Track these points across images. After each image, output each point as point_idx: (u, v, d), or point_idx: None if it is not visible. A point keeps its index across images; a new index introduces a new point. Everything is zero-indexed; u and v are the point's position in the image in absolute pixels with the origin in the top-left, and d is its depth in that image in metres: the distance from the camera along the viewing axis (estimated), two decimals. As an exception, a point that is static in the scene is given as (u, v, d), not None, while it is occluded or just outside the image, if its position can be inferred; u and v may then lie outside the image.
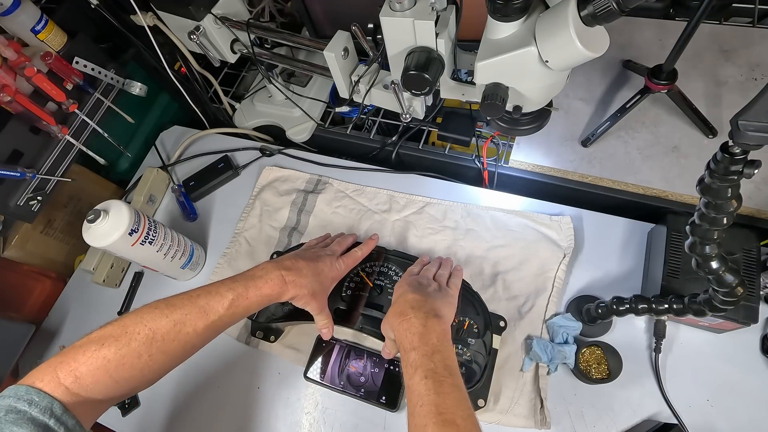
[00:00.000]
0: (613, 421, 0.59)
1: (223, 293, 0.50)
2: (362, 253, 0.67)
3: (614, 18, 0.37)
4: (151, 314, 0.47)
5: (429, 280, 0.59)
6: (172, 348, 0.47)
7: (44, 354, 0.78)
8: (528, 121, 0.53)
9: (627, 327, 0.64)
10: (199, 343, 0.49)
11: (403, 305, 0.54)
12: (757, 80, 0.79)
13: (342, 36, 0.62)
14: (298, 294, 0.56)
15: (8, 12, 0.67)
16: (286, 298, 0.56)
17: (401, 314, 0.53)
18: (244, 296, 0.51)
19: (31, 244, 0.80)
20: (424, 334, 0.49)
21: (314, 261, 0.60)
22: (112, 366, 0.43)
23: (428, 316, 0.51)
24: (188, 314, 0.48)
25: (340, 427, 0.64)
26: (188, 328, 0.47)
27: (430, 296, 0.55)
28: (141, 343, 0.45)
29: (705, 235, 0.43)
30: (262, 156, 0.91)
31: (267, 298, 0.54)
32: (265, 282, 0.54)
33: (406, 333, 0.50)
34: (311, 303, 0.58)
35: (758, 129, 0.33)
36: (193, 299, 0.49)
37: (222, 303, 0.50)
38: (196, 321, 0.48)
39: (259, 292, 0.53)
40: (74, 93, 0.75)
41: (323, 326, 0.62)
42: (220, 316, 0.49)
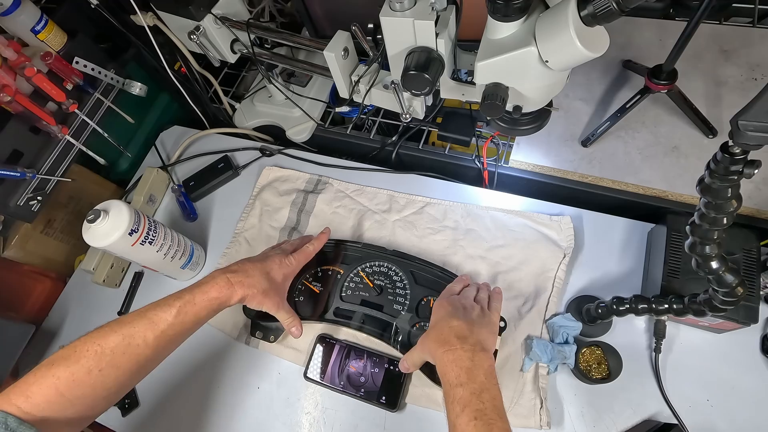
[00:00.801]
0: (613, 421, 0.59)
1: (170, 302, 0.52)
2: (314, 248, 0.67)
3: (614, 18, 0.37)
4: (100, 332, 0.48)
5: (472, 304, 0.57)
6: (123, 361, 0.47)
7: (44, 354, 0.78)
8: (528, 121, 0.53)
9: (627, 327, 0.64)
10: (152, 354, 0.50)
11: (448, 333, 0.52)
12: (757, 80, 0.79)
13: (342, 36, 0.62)
14: (248, 293, 0.56)
15: (8, 12, 0.67)
16: (237, 299, 0.56)
17: (446, 343, 0.51)
18: (191, 302, 0.52)
19: (31, 244, 0.80)
20: (472, 369, 0.47)
21: (262, 261, 0.61)
22: (62, 384, 0.44)
23: (475, 350, 0.49)
24: (136, 327, 0.49)
25: (340, 427, 0.64)
26: (138, 341, 0.48)
27: (475, 324, 0.53)
28: (89, 359, 0.46)
29: (705, 235, 0.43)
30: (262, 156, 0.91)
31: (216, 302, 0.54)
32: (211, 286, 0.54)
33: (452, 365, 0.48)
34: (265, 302, 0.58)
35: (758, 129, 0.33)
36: (142, 312, 0.50)
37: (169, 312, 0.51)
38: (145, 332, 0.49)
39: (205, 296, 0.53)
40: (74, 93, 0.75)
41: (288, 324, 0.62)
42: (169, 325, 0.50)
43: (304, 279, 0.70)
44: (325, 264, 0.71)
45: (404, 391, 0.64)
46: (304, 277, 0.70)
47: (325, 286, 0.69)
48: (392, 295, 0.67)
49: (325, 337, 0.69)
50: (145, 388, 0.71)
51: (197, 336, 0.73)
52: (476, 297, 0.60)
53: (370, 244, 0.72)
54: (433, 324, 0.56)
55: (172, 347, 0.53)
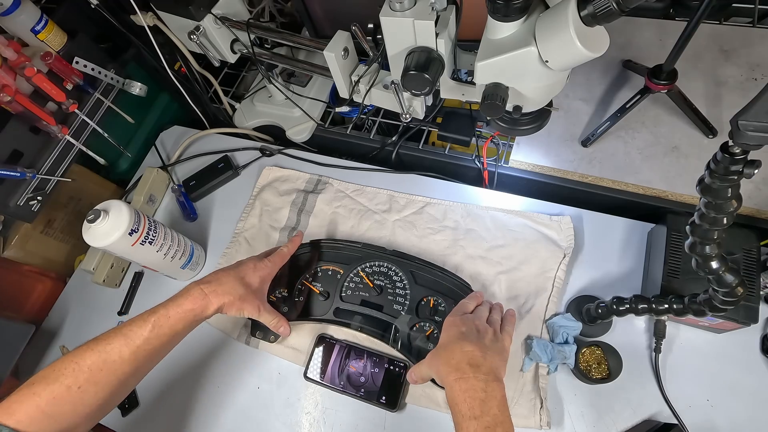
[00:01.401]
0: (613, 421, 0.59)
1: (145, 318, 0.52)
2: (288, 250, 0.67)
3: (614, 18, 0.37)
4: (79, 351, 0.49)
5: (485, 327, 0.55)
6: (101, 378, 0.48)
7: (44, 354, 0.78)
8: (528, 121, 0.53)
9: (627, 327, 0.64)
10: (131, 370, 0.50)
11: (460, 358, 0.50)
12: (757, 80, 0.79)
13: (342, 36, 0.62)
14: (225, 302, 0.57)
15: (8, 12, 0.67)
16: (213, 309, 0.56)
17: (458, 369, 0.49)
18: (165, 316, 0.53)
19: (31, 244, 0.80)
20: (486, 401, 0.46)
21: (235, 268, 0.61)
22: (42, 401, 0.45)
23: (489, 379, 0.48)
24: (112, 343, 0.50)
25: (340, 427, 0.64)
26: (114, 357, 0.49)
27: (488, 351, 0.51)
28: (68, 377, 0.47)
29: (705, 235, 0.43)
30: (262, 156, 0.91)
31: (191, 314, 0.54)
32: (185, 299, 0.55)
33: (464, 396, 0.47)
34: (244, 307, 0.59)
35: (758, 129, 0.33)
36: (119, 330, 0.51)
37: (144, 327, 0.52)
38: (120, 348, 0.50)
39: (180, 309, 0.54)
40: (74, 93, 0.75)
41: (275, 326, 0.62)
42: (144, 340, 0.51)
43: (304, 279, 0.70)
44: (325, 264, 0.71)
45: (404, 391, 0.64)
46: (304, 277, 0.70)
47: (325, 286, 0.69)
48: (392, 296, 0.67)
49: (325, 337, 0.69)
50: (145, 388, 0.71)
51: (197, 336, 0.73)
52: (489, 318, 0.58)
53: (370, 244, 0.72)
54: (445, 343, 0.54)
55: (152, 362, 0.53)
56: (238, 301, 0.58)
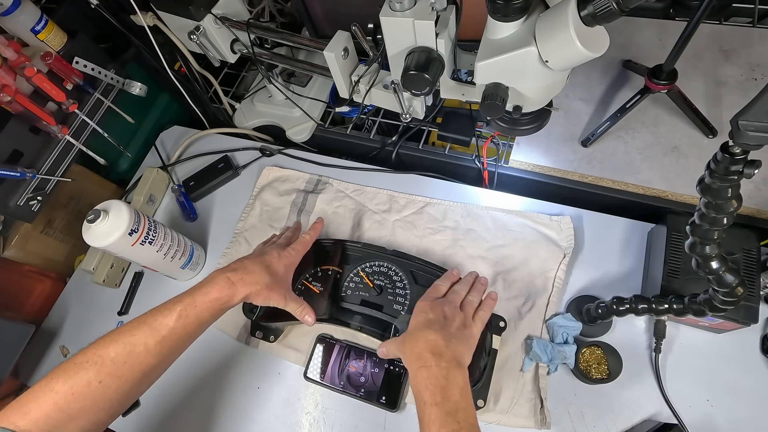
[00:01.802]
0: (613, 421, 0.59)
1: (170, 307, 0.51)
2: (310, 237, 0.67)
3: (614, 18, 0.37)
4: (101, 342, 0.47)
5: (454, 312, 0.54)
6: (124, 370, 0.46)
7: (44, 354, 0.78)
8: (528, 121, 0.53)
9: (627, 327, 0.64)
10: (155, 361, 0.49)
11: (423, 347, 0.50)
12: (757, 80, 0.79)
13: (342, 36, 0.62)
14: (252, 291, 0.56)
15: (8, 12, 0.67)
16: (240, 298, 0.55)
17: (420, 358, 0.49)
18: (192, 305, 0.51)
19: (31, 244, 0.80)
20: (446, 387, 0.47)
21: (260, 256, 0.60)
22: (60, 398, 0.43)
23: (450, 367, 0.48)
24: (137, 334, 0.48)
25: (340, 427, 0.64)
26: (139, 348, 0.47)
27: (453, 339, 0.51)
28: (88, 371, 0.44)
29: (705, 235, 0.43)
30: (262, 156, 0.91)
31: (217, 303, 0.53)
32: (211, 287, 0.53)
33: (426, 383, 0.47)
34: (271, 296, 0.58)
35: (758, 129, 0.33)
36: (142, 319, 0.49)
37: (170, 316, 0.50)
38: (146, 339, 0.48)
39: (206, 298, 0.52)
40: (74, 93, 0.75)
41: (300, 314, 0.60)
42: (170, 330, 0.49)
43: (304, 279, 0.70)
44: (325, 264, 0.71)
45: (404, 391, 0.64)
46: (303, 277, 0.70)
47: (325, 286, 0.69)
48: (392, 295, 0.67)
49: (325, 337, 0.69)
50: (145, 388, 0.71)
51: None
52: (465, 299, 0.58)
53: (370, 244, 0.72)
54: (411, 330, 0.54)
55: (176, 353, 0.52)
56: (265, 290, 0.57)
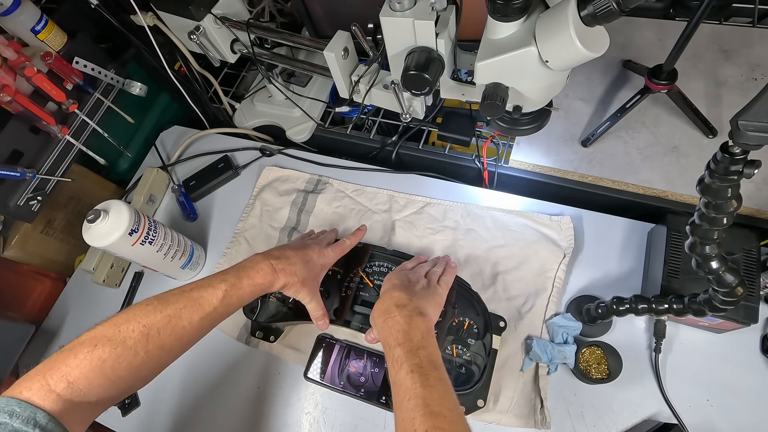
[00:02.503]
0: (613, 421, 0.59)
1: (216, 285, 0.51)
2: (350, 243, 0.67)
3: (614, 18, 0.37)
4: (143, 311, 0.46)
5: (418, 277, 0.59)
6: (168, 342, 0.46)
7: (44, 354, 0.78)
8: (528, 121, 0.53)
9: (627, 327, 0.64)
10: (196, 335, 0.49)
11: (389, 302, 0.54)
12: (757, 80, 0.79)
13: (342, 36, 0.62)
14: (289, 282, 0.56)
15: (8, 12, 0.67)
16: (278, 286, 0.56)
17: (386, 312, 0.53)
18: (237, 286, 0.52)
19: (31, 244, 0.80)
20: (408, 331, 0.50)
21: (303, 249, 0.61)
22: (107, 366, 0.42)
23: (412, 315, 0.51)
24: (183, 308, 0.47)
25: (340, 427, 0.64)
26: (183, 322, 0.47)
27: (416, 295, 0.55)
28: (136, 340, 0.44)
29: (705, 235, 0.43)
30: (262, 156, 0.91)
31: (260, 288, 0.54)
32: (256, 272, 0.54)
33: (390, 330, 0.51)
34: (302, 290, 0.58)
35: (758, 129, 0.33)
36: (186, 293, 0.49)
37: (216, 294, 0.50)
38: (191, 314, 0.48)
39: (251, 281, 0.53)
40: (74, 93, 0.75)
41: (317, 315, 0.61)
42: (214, 308, 0.49)
43: None
44: None
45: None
46: None
47: (324, 286, 0.69)
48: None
49: (325, 337, 0.69)
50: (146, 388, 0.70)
51: (197, 336, 0.73)
52: (428, 272, 0.61)
53: (369, 244, 0.72)
54: (380, 296, 0.57)
55: (212, 327, 0.52)
56: (299, 283, 0.57)
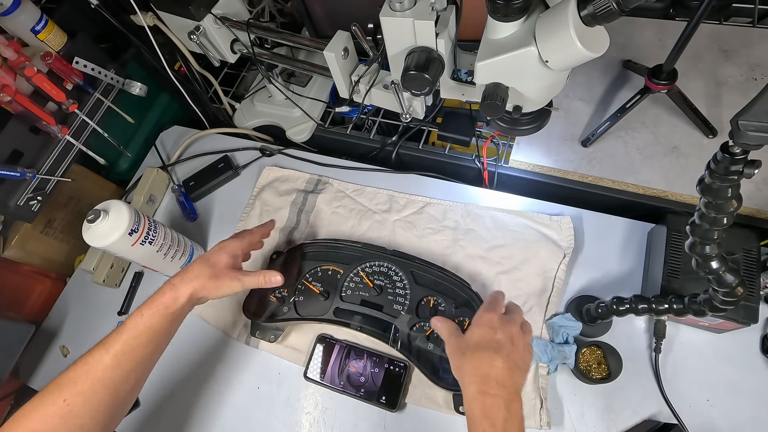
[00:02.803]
0: (613, 421, 0.59)
1: (121, 325, 0.53)
2: (256, 229, 0.67)
3: (614, 18, 0.37)
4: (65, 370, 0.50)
5: (519, 339, 0.51)
6: (85, 388, 0.48)
7: (44, 354, 0.78)
8: (528, 121, 0.53)
9: (627, 327, 0.64)
10: (117, 375, 0.50)
11: (488, 372, 0.48)
12: (757, 80, 0.79)
13: (342, 36, 0.62)
14: (195, 286, 0.56)
15: (8, 12, 0.67)
16: (184, 297, 0.55)
17: (485, 383, 0.47)
18: (139, 315, 0.53)
19: (31, 244, 0.80)
20: (508, 420, 0.46)
21: (200, 256, 0.61)
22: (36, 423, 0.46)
23: (513, 399, 0.47)
24: (92, 353, 0.50)
25: (340, 427, 0.64)
26: (94, 364, 0.50)
27: (517, 369, 0.49)
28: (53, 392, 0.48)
29: (705, 235, 0.43)
30: (262, 156, 0.91)
31: (162, 307, 0.54)
32: (156, 295, 0.55)
33: (487, 412, 0.46)
34: (221, 284, 0.58)
35: (758, 129, 0.33)
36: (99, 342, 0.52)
37: (121, 330, 0.52)
38: (101, 355, 0.50)
39: (151, 305, 0.54)
40: (74, 93, 0.75)
41: (264, 281, 0.61)
42: (123, 341, 0.51)
43: (304, 279, 0.70)
44: (325, 264, 0.71)
45: (404, 391, 0.64)
46: (303, 277, 0.71)
47: (325, 286, 0.69)
48: (392, 295, 0.67)
49: (325, 337, 0.69)
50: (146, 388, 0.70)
51: (197, 336, 0.73)
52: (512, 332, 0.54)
53: (370, 244, 0.72)
54: (476, 344, 0.51)
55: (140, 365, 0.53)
56: (210, 281, 0.57)
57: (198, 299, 0.57)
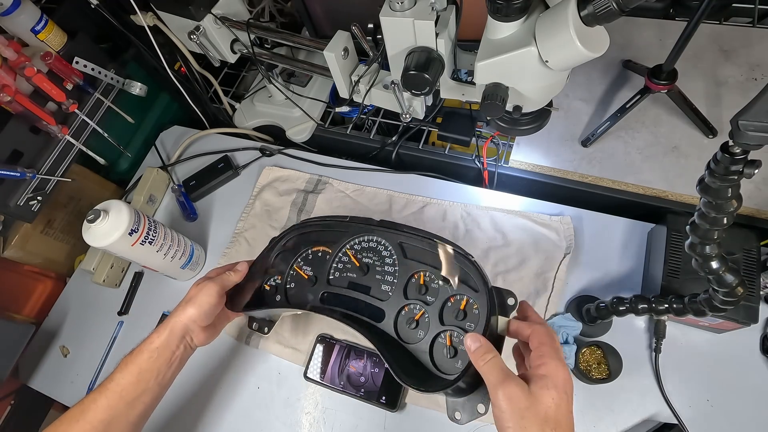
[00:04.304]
0: (613, 421, 0.59)
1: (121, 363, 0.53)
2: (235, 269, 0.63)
3: (614, 18, 0.37)
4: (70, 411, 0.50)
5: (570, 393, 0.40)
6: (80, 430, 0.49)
7: (44, 354, 0.78)
8: (528, 121, 0.53)
9: (627, 327, 0.64)
10: (115, 417, 0.50)
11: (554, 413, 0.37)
12: (757, 80, 0.79)
13: (342, 36, 0.62)
14: (182, 314, 0.55)
15: (8, 12, 0.67)
16: (181, 328, 0.55)
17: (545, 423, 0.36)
18: (137, 352, 0.53)
19: (31, 244, 0.80)
20: None
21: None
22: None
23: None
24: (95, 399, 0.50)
25: (340, 427, 0.64)
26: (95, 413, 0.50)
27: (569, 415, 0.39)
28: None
29: (705, 235, 0.43)
30: (262, 156, 0.91)
31: (162, 345, 0.54)
32: (154, 334, 0.55)
33: None
34: (200, 299, 0.56)
35: (758, 129, 0.33)
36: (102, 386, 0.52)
37: (120, 372, 0.52)
38: (98, 399, 0.50)
39: (149, 344, 0.53)
40: (74, 93, 0.75)
41: (235, 277, 0.60)
42: (122, 387, 0.51)
43: (296, 264, 0.65)
44: (315, 245, 0.64)
45: (404, 391, 0.64)
46: (296, 263, 0.65)
47: (314, 269, 0.63)
48: (380, 274, 0.59)
49: (325, 337, 0.69)
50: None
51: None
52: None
53: (357, 217, 0.63)
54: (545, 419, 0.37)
55: (133, 406, 0.52)
56: (188, 308, 0.56)
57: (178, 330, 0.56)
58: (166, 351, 0.54)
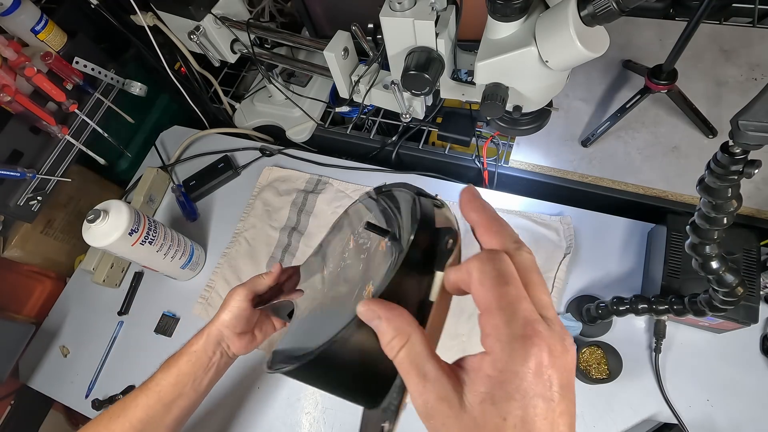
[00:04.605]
0: (613, 421, 0.59)
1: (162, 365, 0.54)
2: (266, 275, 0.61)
3: (614, 18, 0.37)
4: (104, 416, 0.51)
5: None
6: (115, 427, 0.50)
7: (44, 354, 0.78)
8: (528, 121, 0.53)
9: (627, 327, 0.64)
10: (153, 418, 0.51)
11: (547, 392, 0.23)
12: (757, 80, 0.79)
13: (342, 36, 0.62)
14: (216, 320, 0.54)
15: (8, 12, 0.67)
16: (216, 334, 0.54)
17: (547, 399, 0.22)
18: (178, 355, 0.53)
19: (31, 244, 0.80)
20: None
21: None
22: None
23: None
24: (135, 397, 0.51)
25: (340, 427, 0.64)
26: (134, 412, 0.50)
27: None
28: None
29: (705, 235, 0.43)
30: (262, 156, 0.91)
31: (200, 350, 0.53)
32: (194, 338, 0.54)
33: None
34: (230, 304, 0.54)
35: (758, 129, 0.33)
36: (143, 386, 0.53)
37: (161, 372, 0.53)
38: (139, 398, 0.51)
39: (189, 347, 0.53)
40: (74, 93, 0.75)
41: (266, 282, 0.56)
42: (161, 387, 0.51)
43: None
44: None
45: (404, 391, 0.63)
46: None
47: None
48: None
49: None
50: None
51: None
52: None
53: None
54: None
55: (170, 410, 0.52)
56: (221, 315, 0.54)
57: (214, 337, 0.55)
58: (204, 356, 0.54)
